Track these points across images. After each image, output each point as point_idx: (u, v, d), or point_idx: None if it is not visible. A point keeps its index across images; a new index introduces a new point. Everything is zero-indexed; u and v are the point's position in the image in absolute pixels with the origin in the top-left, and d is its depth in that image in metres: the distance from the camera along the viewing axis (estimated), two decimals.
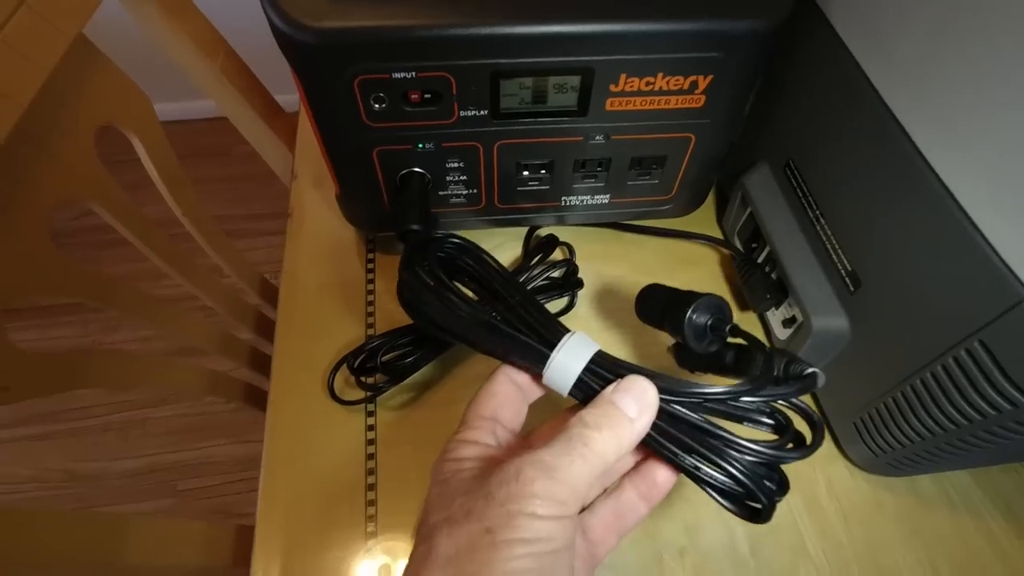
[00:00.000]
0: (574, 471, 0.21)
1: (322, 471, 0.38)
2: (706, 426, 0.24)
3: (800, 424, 0.25)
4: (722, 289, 0.46)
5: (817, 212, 0.36)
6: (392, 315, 0.43)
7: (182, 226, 0.53)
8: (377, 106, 0.34)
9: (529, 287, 0.41)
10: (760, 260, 0.41)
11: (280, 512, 0.36)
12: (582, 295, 0.45)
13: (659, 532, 0.36)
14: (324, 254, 0.47)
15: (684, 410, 0.24)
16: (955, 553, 0.36)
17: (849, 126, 0.32)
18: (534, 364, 0.25)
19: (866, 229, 0.32)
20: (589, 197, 0.42)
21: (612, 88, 0.34)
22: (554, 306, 0.43)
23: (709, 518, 0.37)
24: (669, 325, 0.29)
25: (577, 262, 0.45)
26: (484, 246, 0.47)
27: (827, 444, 0.40)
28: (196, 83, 0.51)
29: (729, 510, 0.24)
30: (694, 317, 0.28)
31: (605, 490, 0.27)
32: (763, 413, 0.25)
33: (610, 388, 0.24)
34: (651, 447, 0.24)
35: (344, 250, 0.47)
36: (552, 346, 0.25)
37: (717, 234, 0.47)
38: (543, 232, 0.46)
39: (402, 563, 0.35)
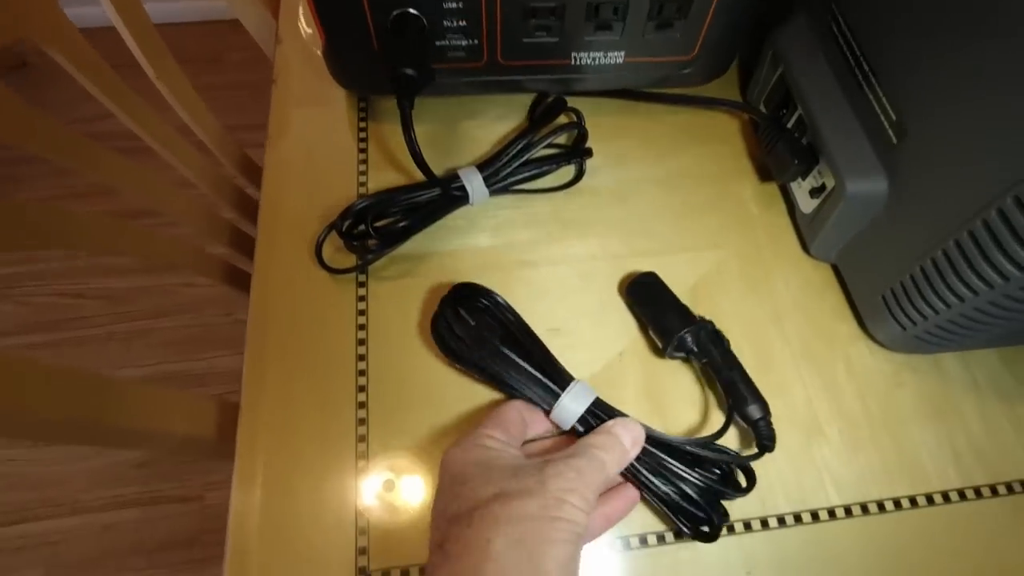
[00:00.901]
0: (595, 478, 0.27)
1: (310, 345, 0.36)
2: (661, 456, 0.30)
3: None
4: (743, 167, 0.42)
5: (862, 59, 0.32)
6: (386, 185, 0.40)
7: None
8: None
9: (531, 153, 0.38)
10: (789, 126, 0.38)
11: (266, 386, 0.34)
12: (592, 169, 0.41)
13: None
14: (312, 122, 0.43)
15: (659, 450, 0.31)
16: (976, 434, 0.34)
17: None
18: (545, 401, 0.31)
19: (924, 68, 0.28)
20: (602, 55, 0.38)
21: None
22: (562, 175, 0.40)
23: (721, 402, 0.35)
24: (657, 322, 0.35)
25: (591, 137, 0.41)
26: (487, 116, 0.43)
27: (849, 324, 0.37)
28: None
29: (682, 525, 0.30)
30: (685, 338, 0.33)
31: None
32: (715, 464, 0.31)
33: (611, 423, 0.30)
34: (629, 471, 0.30)
35: (334, 117, 0.43)
36: (562, 388, 0.31)
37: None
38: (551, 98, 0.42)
39: (392, 436, 0.33)
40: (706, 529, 0.30)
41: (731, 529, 0.32)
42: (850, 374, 0.36)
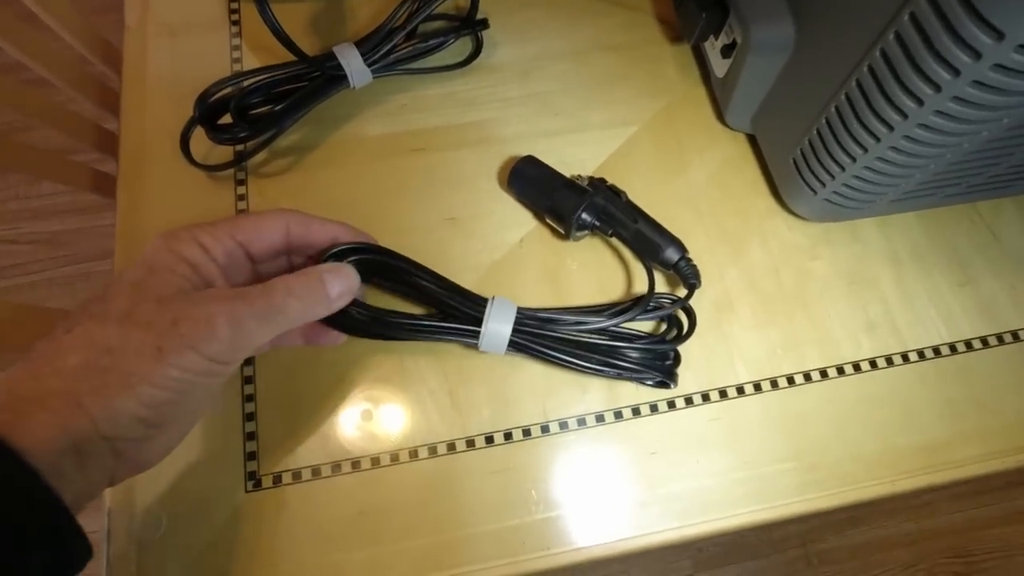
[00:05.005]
0: (256, 336, 0.22)
1: None
2: (606, 343, 0.30)
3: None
4: (656, 35, 0.38)
5: None
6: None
7: None
8: None
9: (414, 23, 0.33)
10: None
11: None
12: (491, 45, 0.37)
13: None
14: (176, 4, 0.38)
15: (595, 337, 0.30)
16: (892, 303, 0.33)
17: None
18: (471, 339, 0.28)
19: None
20: None
21: None
22: (457, 52, 0.36)
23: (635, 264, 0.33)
24: (550, 210, 0.32)
25: (491, 10, 0.37)
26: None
27: (766, 199, 0.35)
28: None
29: (648, 384, 0.30)
30: (584, 216, 0.31)
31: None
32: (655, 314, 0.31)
33: (324, 266, 0.25)
34: (577, 367, 0.29)
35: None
36: (479, 320, 0.28)
37: None
38: None
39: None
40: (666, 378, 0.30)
41: (636, 412, 0.31)
42: (765, 250, 0.34)
